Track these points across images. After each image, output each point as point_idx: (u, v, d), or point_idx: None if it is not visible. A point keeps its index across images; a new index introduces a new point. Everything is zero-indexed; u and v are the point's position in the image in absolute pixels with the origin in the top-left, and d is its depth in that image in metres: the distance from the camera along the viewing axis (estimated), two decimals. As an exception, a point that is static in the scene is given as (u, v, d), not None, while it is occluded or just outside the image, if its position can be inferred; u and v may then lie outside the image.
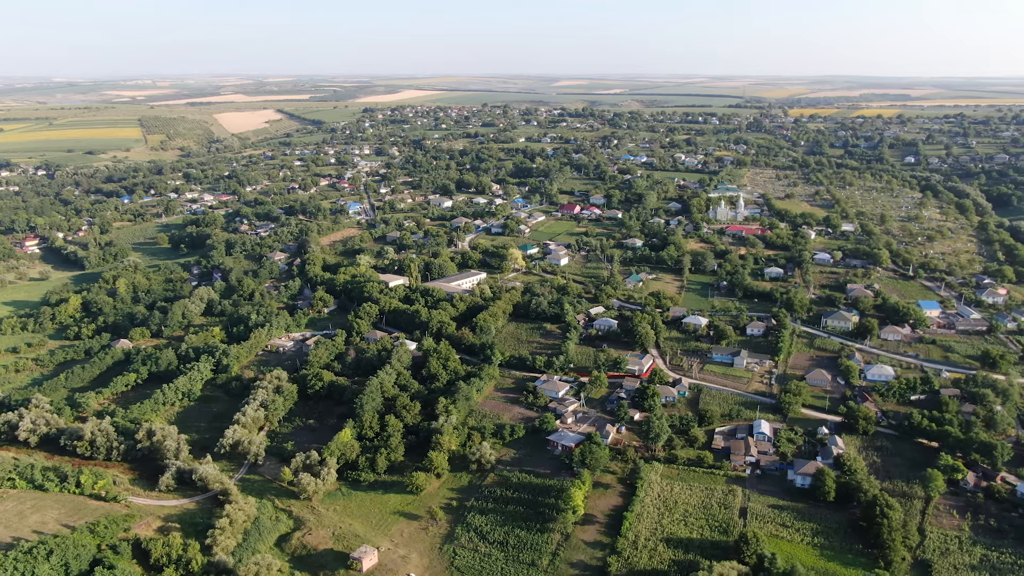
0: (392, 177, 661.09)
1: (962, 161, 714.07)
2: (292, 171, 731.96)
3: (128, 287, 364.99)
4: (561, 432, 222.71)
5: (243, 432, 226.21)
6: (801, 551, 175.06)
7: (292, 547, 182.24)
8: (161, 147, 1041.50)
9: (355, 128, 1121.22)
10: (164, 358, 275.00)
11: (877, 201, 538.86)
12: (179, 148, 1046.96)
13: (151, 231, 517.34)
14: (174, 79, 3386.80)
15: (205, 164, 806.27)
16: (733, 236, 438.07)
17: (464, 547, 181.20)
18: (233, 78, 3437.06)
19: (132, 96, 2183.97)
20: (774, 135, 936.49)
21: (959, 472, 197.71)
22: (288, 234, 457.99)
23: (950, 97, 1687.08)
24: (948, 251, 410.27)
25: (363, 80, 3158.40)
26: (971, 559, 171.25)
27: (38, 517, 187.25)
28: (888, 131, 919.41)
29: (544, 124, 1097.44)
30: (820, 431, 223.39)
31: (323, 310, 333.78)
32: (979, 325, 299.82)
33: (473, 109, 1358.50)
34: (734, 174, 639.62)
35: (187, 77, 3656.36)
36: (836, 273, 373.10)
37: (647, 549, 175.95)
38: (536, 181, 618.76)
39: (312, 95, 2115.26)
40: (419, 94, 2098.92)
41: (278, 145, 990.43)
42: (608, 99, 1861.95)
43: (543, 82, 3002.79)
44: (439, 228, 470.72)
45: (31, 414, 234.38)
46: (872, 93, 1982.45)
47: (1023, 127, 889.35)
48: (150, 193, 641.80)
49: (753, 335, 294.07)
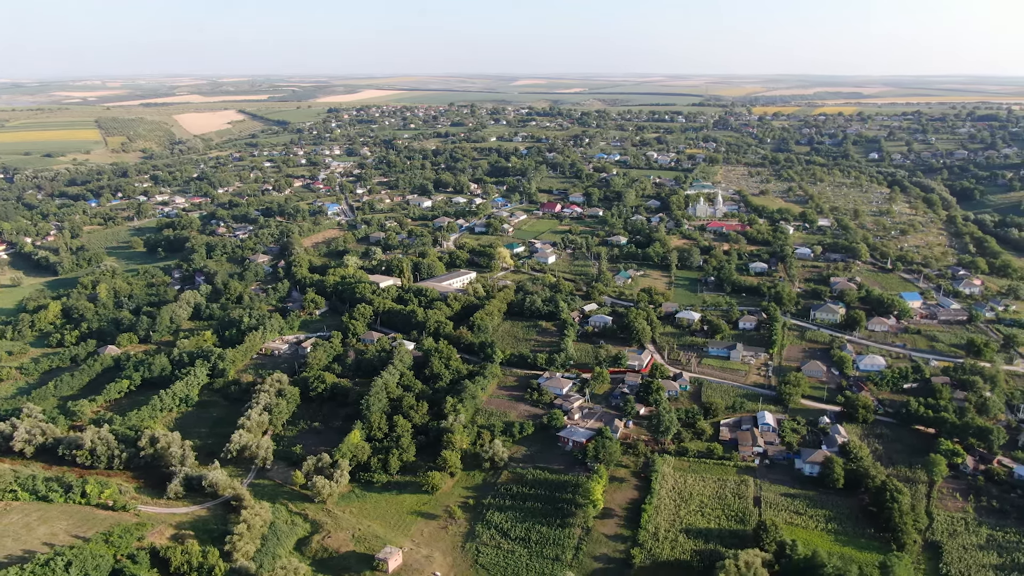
0: (367, 177, 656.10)
1: (923, 157, 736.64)
2: (264, 172, 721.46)
3: (109, 292, 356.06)
4: (571, 428, 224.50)
5: (249, 436, 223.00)
6: (816, 537, 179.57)
7: (312, 551, 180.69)
8: (122, 149, 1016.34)
9: (322, 128, 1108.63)
10: (157, 364, 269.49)
11: (848, 196, 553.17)
12: (141, 150, 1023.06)
13: (123, 235, 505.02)
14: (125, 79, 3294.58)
15: (171, 166, 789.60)
16: (714, 232, 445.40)
17: (486, 544, 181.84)
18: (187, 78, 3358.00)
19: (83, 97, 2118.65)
20: (740, 133, 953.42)
21: (959, 456, 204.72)
22: (269, 236, 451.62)
23: (900, 95, 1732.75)
24: (922, 244, 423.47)
25: (321, 80, 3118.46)
26: (978, 539, 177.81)
27: (46, 529, 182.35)
28: (850, 128, 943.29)
29: (513, 123, 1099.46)
30: (821, 421, 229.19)
31: (314, 312, 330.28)
32: (959, 315, 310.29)
33: (440, 109, 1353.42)
34: (707, 171, 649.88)
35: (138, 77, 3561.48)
36: (818, 267, 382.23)
37: (668, 540, 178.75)
38: (514, 180, 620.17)
39: (271, 95, 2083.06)
40: (380, 94, 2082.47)
41: (244, 146, 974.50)
42: (569, 98, 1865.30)
43: (502, 81, 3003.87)
44: (422, 228, 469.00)
45: (25, 424, 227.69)
46: (826, 91, 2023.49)
47: (978, 124, 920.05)
48: (118, 196, 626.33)
49: (746, 329, 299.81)
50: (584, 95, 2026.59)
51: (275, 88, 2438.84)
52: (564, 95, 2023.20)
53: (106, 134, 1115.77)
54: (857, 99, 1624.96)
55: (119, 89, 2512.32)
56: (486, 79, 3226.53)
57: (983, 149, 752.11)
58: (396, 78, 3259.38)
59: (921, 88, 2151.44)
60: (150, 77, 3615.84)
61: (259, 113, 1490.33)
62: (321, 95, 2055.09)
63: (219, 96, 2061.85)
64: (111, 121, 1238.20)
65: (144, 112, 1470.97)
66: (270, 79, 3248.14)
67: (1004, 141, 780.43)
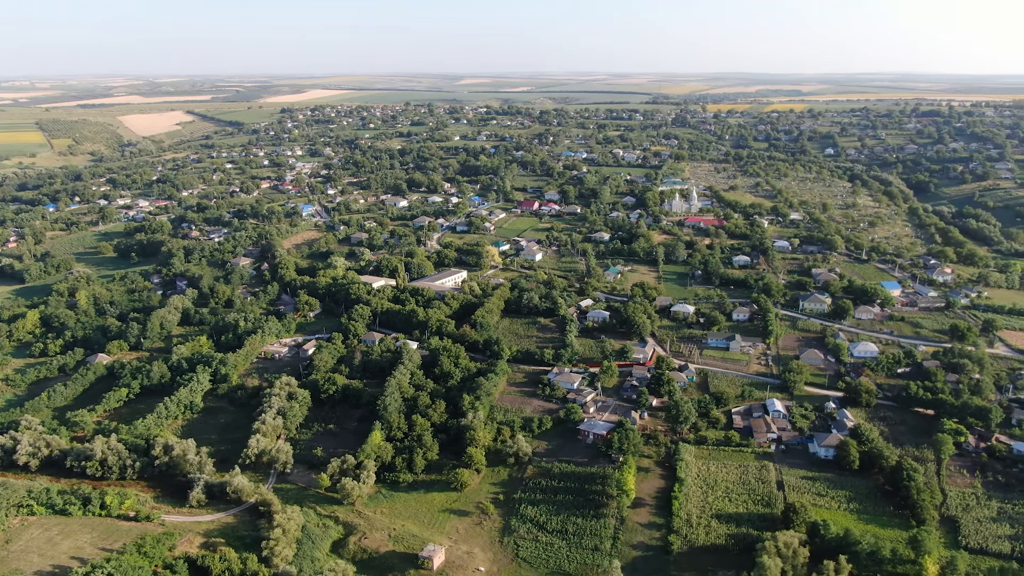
0: (336, 178, 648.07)
1: (876, 152, 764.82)
2: (227, 174, 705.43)
3: (89, 299, 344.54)
4: (591, 421, 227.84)
5: (267, 441, 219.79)
6: (840, 517, 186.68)
7: (350, 552, 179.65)
8: (69, 152, 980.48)
9: (279, 129, 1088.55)
10: (156, 371, 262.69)
11: (813, 191, 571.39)
12: (89, 153, 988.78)
13: (90, 240, 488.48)
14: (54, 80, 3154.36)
15: (126, 169, 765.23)
16: (693, 227, 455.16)
17: (524, 538, 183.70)
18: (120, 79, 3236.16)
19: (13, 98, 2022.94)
20: (699, 130, 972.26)
21: (962, 435, 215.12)
22: (247, 239, 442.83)
23: (837, 92, 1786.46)
24: (890, 236, 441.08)
25: (263, 80, 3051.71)
26: (990, 512, 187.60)
27: (70, 543, 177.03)
28: (803, 125, 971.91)
29: (474, 122, 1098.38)
30: (827, 406, 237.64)
31: (308, 314, 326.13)
32: (937, 302, 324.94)
33: (397, 108, 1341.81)
34: (675, 168, 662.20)
35: (68, 78, 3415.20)
36: (797, 259, 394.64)
37: (701, 526, 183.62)
38: (487, 179, 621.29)
39: (214, 96, 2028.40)
40: (328, 93, 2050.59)
41: (200, 147, 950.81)
42: (519, 96, 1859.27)
43: (447, 80, 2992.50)
44: (403, 228, 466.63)
45: (27, 436, 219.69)
46: (768, 88, 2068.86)
47: (922, 119, 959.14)
48: (76, 201, 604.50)
49: (740, 320, 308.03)
50: (533, 94, 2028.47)
51: (218, 88, 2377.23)
52: (512, 93, 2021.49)
53: (50, 136, 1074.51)
54: (799, 96, 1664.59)
55: (50, 90, 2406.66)
56: (431, 78, 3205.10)
57: (931, 144, 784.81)
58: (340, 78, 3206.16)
59: (855, 85, 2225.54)
60: (81, 77, 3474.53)
61: (209, 114, 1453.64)
62: (267, 95, 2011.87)
63: (160, 97, 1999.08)
64: (53, 123, 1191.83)
65: (86, 113, 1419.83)
66: (209, 79, 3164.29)
67: (950, 136, 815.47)
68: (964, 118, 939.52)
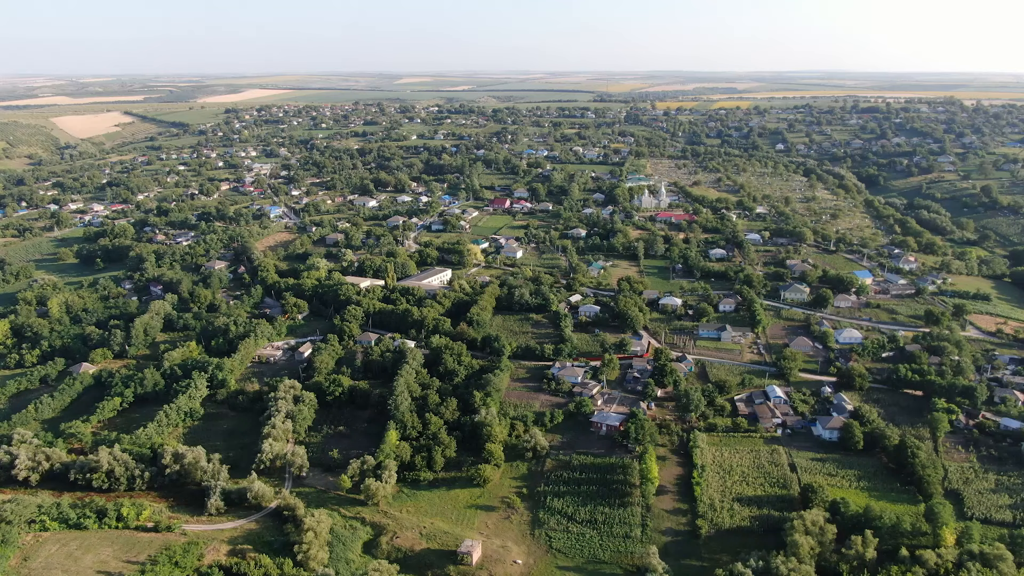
0: (298, 179, 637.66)
1: (825, 147, 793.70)
2: (182, 176, 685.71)
3: (62, 307, 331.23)
4: (602, 413, 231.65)
5: (280, 445, 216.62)
6: (853, 495, 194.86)
7: (384, 552, 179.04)
8: (5, 155, 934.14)
9: (228, 130, 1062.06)
10: (150, 379, 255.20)
11: (773, 185, 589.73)
12: (27, 156, 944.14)
13: (46, 246, 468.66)
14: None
15: (72, 172, 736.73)
16: (665, 223, 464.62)
17: (555, 529, 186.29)
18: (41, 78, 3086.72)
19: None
20: (652, 127, 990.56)
21: (953, 414, 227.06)
22: (218, 242, 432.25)
23: (770, 90, 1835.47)
24: (852, 227, 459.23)
25: (195, 80, 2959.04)
26: (988, 484, 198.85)
27: (92, 557, 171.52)
28: (752, 121, 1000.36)
29: (429, 121, 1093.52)
30: (823, 391, 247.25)
31: (297, 317, 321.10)
32: (907, 289, 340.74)
33: (347, 108, 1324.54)
34: (637, 165, 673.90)
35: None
36: (769, 251, 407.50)
37: (725, 510, 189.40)
38: (453, 178, 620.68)
39: (147, 96, 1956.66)
40: (266, 93, 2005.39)
41: (146, 149, 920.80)
42: (461, 95, 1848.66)
43: (385, 79, 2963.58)
44: (378, 228, 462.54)
45: (25, 450, 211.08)
46: (704, 87, 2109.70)
47: (863, 115, 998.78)
48: (23, 206, 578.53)
49: (726, 311, 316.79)
50: (475, 92, 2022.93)
51: (150, 88, 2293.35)
52: (455, 92, 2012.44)
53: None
54: (736, 94, 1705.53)
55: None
56: (368, 77, 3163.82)
57: (875, 139, 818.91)
58: (276, 77, 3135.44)
59: (785, 83, 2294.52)
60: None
61: (149, 115, 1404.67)
62: (203, 95, 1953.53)
63: (90, 97, 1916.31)
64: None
65: (16, 115, 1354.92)
66: (137, 79, 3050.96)
67: (892, 131, 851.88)
68: (902, 114, 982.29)
